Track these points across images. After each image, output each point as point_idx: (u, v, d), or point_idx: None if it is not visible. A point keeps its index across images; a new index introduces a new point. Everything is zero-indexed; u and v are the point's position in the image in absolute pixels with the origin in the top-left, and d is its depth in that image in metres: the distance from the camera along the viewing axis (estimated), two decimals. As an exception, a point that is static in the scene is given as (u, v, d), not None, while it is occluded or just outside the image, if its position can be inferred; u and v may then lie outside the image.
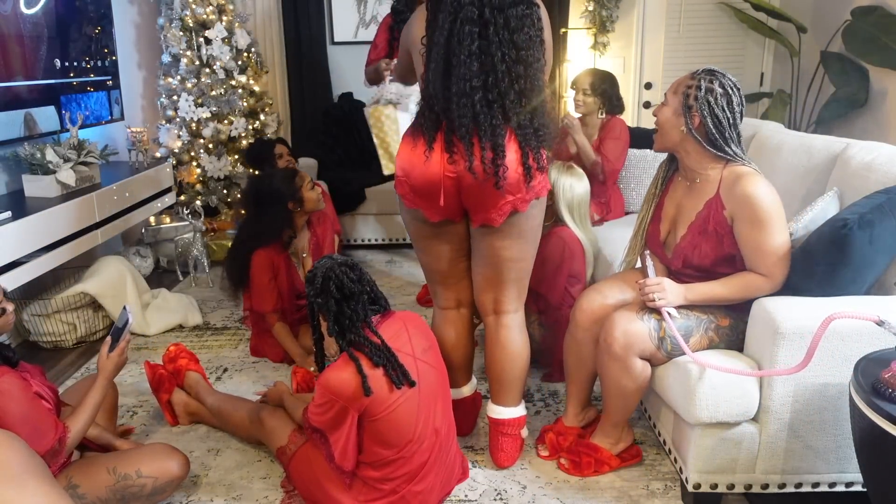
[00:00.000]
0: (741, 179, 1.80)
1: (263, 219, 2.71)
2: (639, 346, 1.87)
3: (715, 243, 1.86)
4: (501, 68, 1.77)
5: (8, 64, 2.75)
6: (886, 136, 3.55)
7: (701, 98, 1.81)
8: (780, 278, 1.80)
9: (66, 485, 1.71)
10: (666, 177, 2.07)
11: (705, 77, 1.83)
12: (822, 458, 1.78)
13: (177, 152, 3.97)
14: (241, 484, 2.06)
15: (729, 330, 1.89)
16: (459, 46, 1.76)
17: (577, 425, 2.18)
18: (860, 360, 1.53)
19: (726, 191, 1.84)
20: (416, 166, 1.88)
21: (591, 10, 4.76)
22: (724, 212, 1.84)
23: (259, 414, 2.13)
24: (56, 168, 2.77)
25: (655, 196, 2.07)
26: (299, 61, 4.69)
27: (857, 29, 3.64)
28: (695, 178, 1.92)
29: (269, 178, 2.75)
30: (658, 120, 1.93)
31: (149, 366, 2.39)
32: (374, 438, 1.74)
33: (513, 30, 1.77)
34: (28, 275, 2.48)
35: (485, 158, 1.80)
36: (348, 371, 1.68)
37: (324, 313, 1.78)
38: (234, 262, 2.76)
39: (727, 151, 1.85)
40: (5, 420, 1.57)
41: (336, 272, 1.75)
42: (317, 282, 1.76)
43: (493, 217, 1.89)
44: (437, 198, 1.89)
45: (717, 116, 1.81)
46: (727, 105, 1.81)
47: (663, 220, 2.03)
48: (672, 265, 2.00)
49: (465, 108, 1.78)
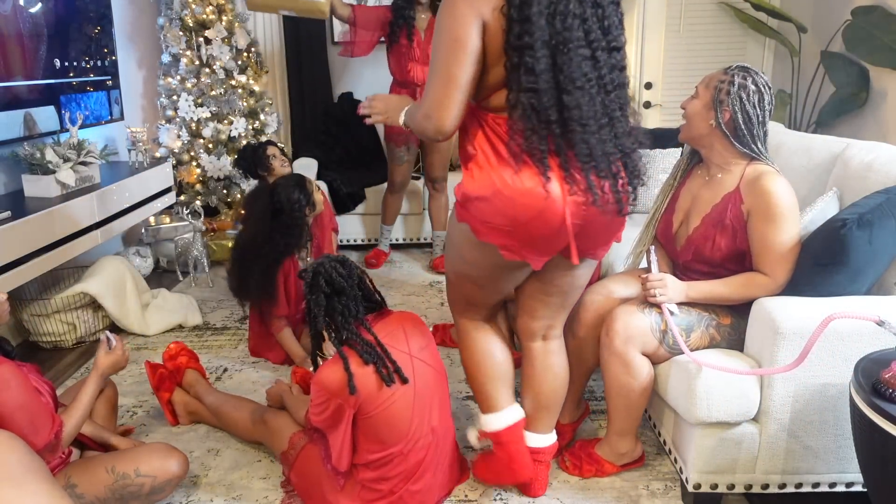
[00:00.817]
0: (763, 176, 1.81)
1: (287, 230, 2.67)
2: (640, 340, 1.87)
3: (730, 238, 1.87)
4: (607, 73, 1.51)
5: (8, 64, 2.75)
6: (886, 136, 3.55)
7: (734, 93, 1.81)
8: (783, 279, 1.80)
9: (64, 484, 1.71)
10: (685, 169, 2.07)
11: (739, 73, 1.83)
12: (822, 459, 1.78)
13: (177, 152, 3.96)
14: (241, 484, 2.06)
15: (730, 328, 1.89)
16: (566, 48, 1.47)
17: (571, 421, 2.20)
18: (860, 360, 1.53)
19: (747, 186, 1.84)
20: (531, 208, 1.51)
21: (591, 10, 4.76)
22: (742, 206, 1.85)
23: (262, 416, 2.14)
24: (56, 168, 2.77)
25: (673, 187, 2.08)
26: (299, 61, 4.68)
27: (858, 29, 3.64)
28: (717, 172, 1.93)
29: (283, 188, 2.69)
30: (687, 112, 1.92)
31: (149, 365, 2.39)
32: (369, 436, 1.75)
33: (608, 28, 1.52)
34: (28, 275, 2.47)
35: (616, 185, 1.55)
36: (336, 369, 1.70)
37: (318, 310, 1.77)
38: (267, 280, 2.67)
39: (753, 149, 1.86)
40: (2, 410, 1.55)
41: (325, 267, 1.76)
42: (307, 277, 1.77)
43: (602, 252, 1.70)
44: (559, 244, 1.58)
45: (748, 112, 1.81)
46: (759, 102, 1.81)
47: (677, 211, 2.04)
48: (681, 257, 2.00)
49: (596, 125, 1.49)
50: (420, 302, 3.50)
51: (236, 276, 2.79)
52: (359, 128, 4.58)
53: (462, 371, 2.71)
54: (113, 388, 2.18)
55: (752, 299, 1.81)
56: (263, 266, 2.68)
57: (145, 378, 2.68)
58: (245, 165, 3.34)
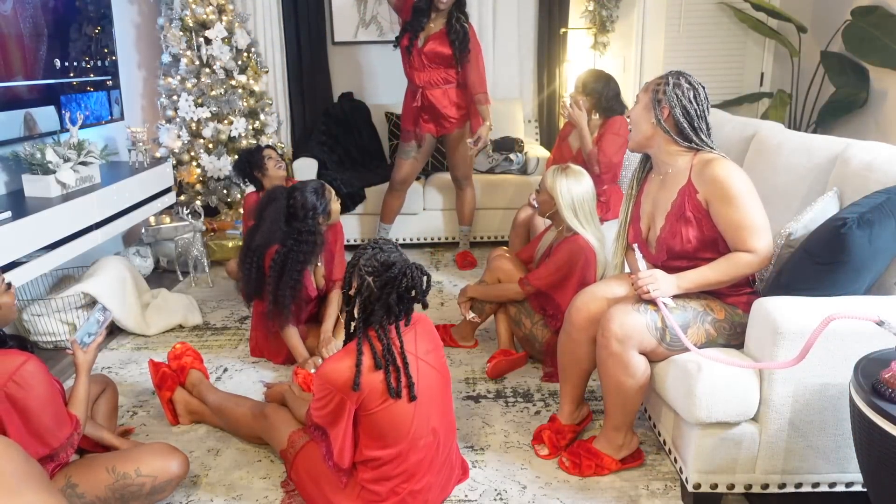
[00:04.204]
0: (710, 164, 1.88)
1: (301, 236, 2.61)
2: (637, 339, 1.87)
3: (696, 228, 1.90)
4: None
5: (8, 64, 2.75)
6: (886, 136, 3.55)
7: (669, 91, 1.91)
8: (766, 251, 1.83)
9: (64, 484, 1.71)
10: (640, 178, 2.13)
11: (673, 75, 1.94)
12: (822, 458, 1.78)
13: (177, 152, 3.96)
14: (241, 484, 2.06)
15: (726, 324, 1.90)
16: None
17: (572, 423, 2.19)
18: (860, 360, 1.53)
19: (697, 176, 1.90)
20: None
21: (591, 10, 4.76)
22: (698, 195, 1.89)
23: (263, 410, 2.14)
24: (56, 168, 2.77)
25: (632, 197, 2.13)
26: (299, 61, 4.69)
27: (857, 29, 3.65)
28: (666, 169, 1.98)
29: (301, 192, 2.64)
30: (631, 116, 2.02)
31: (153, 364, 2.39)
32: (370, 433, 1.75)
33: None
34: (28, 275, 2.48)
35: None
36: (346, 363, 1.70)
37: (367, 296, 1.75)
38: (289, 289, 2.62)
39: (695, 140, 1.92)
40: (32, 404, 1.59)
41: (414, 273, 1.75)
42: (392, 272, 1.73)
43: None
44: None
45: (685, 107, 1.90)
46: (694, 98, 1.90)
47: (642, 218, 2.08)
48: (657, 259, 2.02)
49: None
50: (420, 302, 3.50)
51: (244, 275, 2.72)
52: (359, 128, 4.59)
53: (462, 371, 2.73)
54: (113, 388, 2.18)
55: (743, 277, 1.86)
56: (279, 271, 2.61)
57: (145, 378, 2.68)
58: (241, 167, 3.31)
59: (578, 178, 2.54)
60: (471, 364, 2.80)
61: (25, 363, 1.60)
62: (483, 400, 2.51)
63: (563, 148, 3.34)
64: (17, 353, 1.63)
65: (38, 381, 1.61)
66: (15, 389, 1.57)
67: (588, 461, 2.05)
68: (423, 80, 3.61)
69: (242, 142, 4.01)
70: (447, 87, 3.64)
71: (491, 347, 2.91)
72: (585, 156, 3.14)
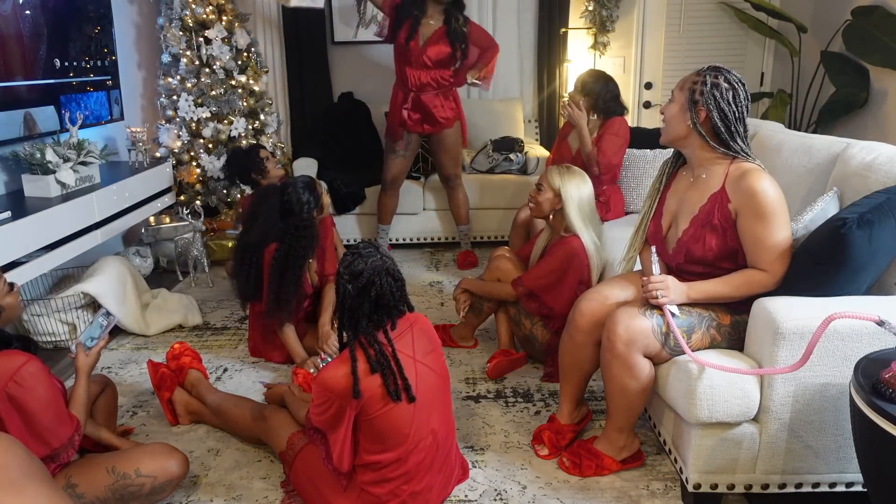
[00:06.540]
0: (747, 175, 1.81)
1: (298, 232, 2.63)
2: (642, 343, 1.86)
3: (720, 237, 1.87)
4: None
5: (8, 64, 2.75)
6: (886, 136, 3.55)
7: (707, 93, 1.83)
8: (780, 274, 1.81)
9: (64, 484, 1.71)
10: (670, 172, 2.07)
11: (710, 73, 1.86)
12: (822, 459, 1.78)
13: (177, 152, 3.96)
14: (241, 484, 2.06)
15: (731, 328, 1.89)
16: None
17: (572, 423, 2.19)
18: (860, 360, 1.53)
19: (732, 185, 1.84)
20: None
21: (591, 10, 4.76)
22: (730, 205, 1.85)
23: (262, 412, 2.14)
24: (56, 168, 2.77)
25: (658, 191, 2.08)
26: (299, 61, 4.69)
27: (858, 29, 3.65)
28: (700, 172, 1.93)
29: (294, 189, 2.65)
30: (665, 116, 1.94)
31: (152, 364, 2.39)
32: (370, 436, 1.75)
33: None
34: (28, 275, 2.48)
35: None
36: (343, 370, 1.69)
37: (354, 314, 1.75)
38: (293, 285, 2.64)
39: (732, 146, 1.86)
40: (32, 404, 1.60)
41: (382, 280, 1.73)
42: (361, 280, 1.73)
43: None
44: None
45: (723, 110, 1.82)
46: (732, 99, 1.82)
47: (665, 215, 2.04)
48: (673, 261, 2.00)
49: None
50: (420, 302, 3.50)
51: (242, 275, 2.73)
52: (359, 127, 4.59)
53: (462, 371, 2.73)
54: (113, 388, 2.18)
55: (752, 296, 1.81)
56: (281, 267, 2.62)
57: (145, 378, 2.68)
58: (237, 171, 3.29)
59: (583, 178, 2.55)
60: (471, 364, 2.80)
61: (26, 364, 1.61)
62: (483, 400, 2.51)
63: (563, 148, 3.34)
64: (18, 353, 1.64)
65: (38, 382, 1.62)
66: (16, 390, 1.58)
67: (589, 461, 2.04)
68: (418, 80, 3.60)
69: (242, 142, 4.01)
70: (440, 88, 3.64)
71: (491, 347, 2.91)
72: (585, 156, 3.14)
